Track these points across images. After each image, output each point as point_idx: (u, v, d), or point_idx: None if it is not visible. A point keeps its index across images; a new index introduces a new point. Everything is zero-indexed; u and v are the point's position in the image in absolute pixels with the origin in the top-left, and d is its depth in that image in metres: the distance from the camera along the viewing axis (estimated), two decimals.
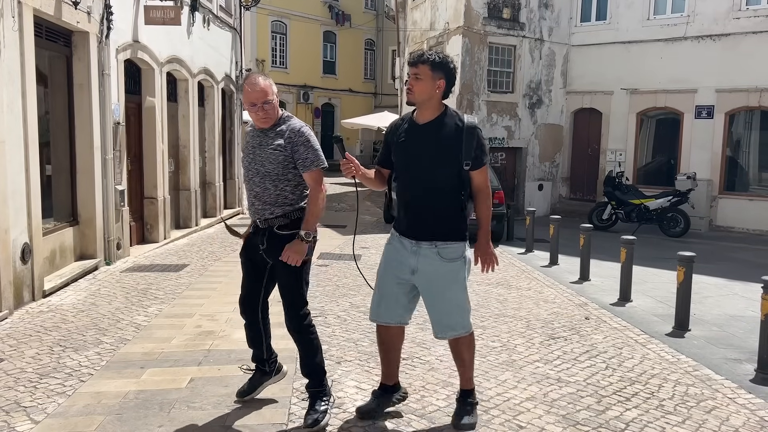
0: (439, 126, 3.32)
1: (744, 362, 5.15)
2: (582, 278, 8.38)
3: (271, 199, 3.52)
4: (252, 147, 3.60)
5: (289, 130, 3.53)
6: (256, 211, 3.59)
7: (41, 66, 7.03)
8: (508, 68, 15.83)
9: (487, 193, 3.42)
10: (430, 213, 3.35)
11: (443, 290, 3.39)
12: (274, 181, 3.51)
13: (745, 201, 14.14)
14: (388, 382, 3.74)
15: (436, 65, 3.25)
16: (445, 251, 3.35)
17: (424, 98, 3.30)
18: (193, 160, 11.79)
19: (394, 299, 3.52)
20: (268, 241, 3.55)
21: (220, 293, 6.84)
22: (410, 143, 3.37)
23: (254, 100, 3.46)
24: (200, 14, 11.90)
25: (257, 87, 3.45)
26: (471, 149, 3.27)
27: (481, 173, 3.36)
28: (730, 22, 14.01)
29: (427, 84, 3.26)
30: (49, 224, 7.16)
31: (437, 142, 3.30)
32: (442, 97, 3.34)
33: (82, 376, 4.32)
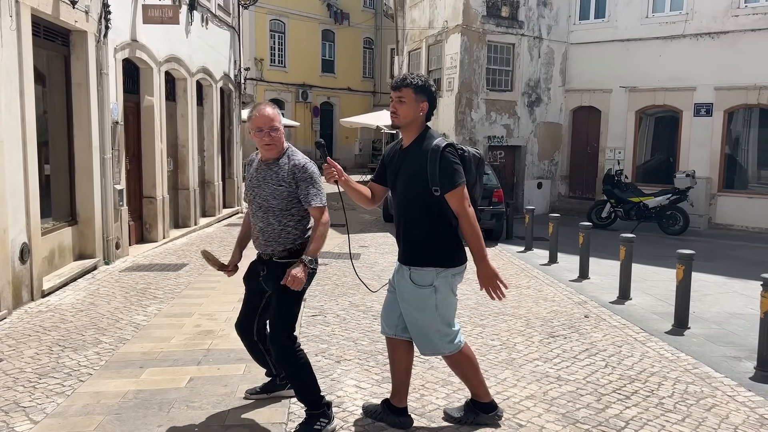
0: (415, 150, 3.33)
1: (743, 360, 5.15)
2: (581, 276, 8.38)
3: (275, 234, 3.52)
4: (256, 181, 3.58)
5: (293, 166, 3.51)
6: (259, 245, 3.61)
7: (39, 65, 7.01)
8: (507, 66, 15.82)
9: (465, 216, 3.24)
10: (406, 237, 3.38)
11: (413, 313, 3.38)
12: (278, 216, 3.51)
13: (744, 199, 14.14)
14: (395, 402, 3.59)
15: (419, 89, 3.31)
16: (416, 276, 3.33)
17: (408, 120, 3.33)
18: (192, 160, 11.78)
19: (390, 307, 3.55)
20: (268, 268, 3.58)
21: (219, 292, 6.83)
22: (394, 167, 3.44)
23: (261, 125, 3.45)
24: (198, 13, 11.88)
25: (265, 113, 3.47)
26: (435, 173, 3.22)
27: (452, 196, 3.23)
28: (729, 20, 14.00)
29: (411, 107, 3.31)
30: (47, 224, 7.15)
31: (411, 166, 3.32)
32: (423, 120, 3.37)
33: (81, 375, 4.31)
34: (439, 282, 3.31)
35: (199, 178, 12.45)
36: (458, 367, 3.55)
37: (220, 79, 13.68)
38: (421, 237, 3.32)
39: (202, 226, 12.05)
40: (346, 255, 9.39)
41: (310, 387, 3.49)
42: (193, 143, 11.84)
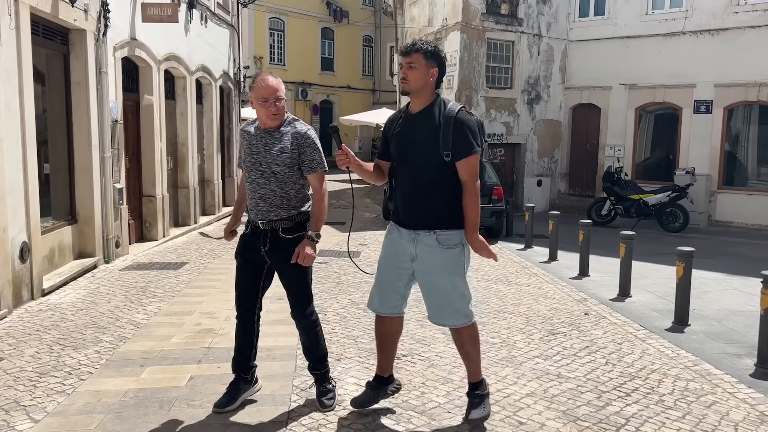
0: (428, 115, 3.33)
1: (744, 357, 5.15)
2: (581, 274, 8.38)
3: (277, 201, 3.53)
4: (256, 148, 3.57)
5: (296, 132, 3.55)
6: (259, 212, 3.57)
7: (38, 64, 7.01)
8: (507, 64, 15.81)
9: (474, 186, 3.29)
10: (426, 203, 3.34)
11: (441, 277, 3.37)
12: (280, 183, 3.52)
13: (744, 195, 14.14)
14: (383, 373, 3.76)
15: (429, 54, 3.31)
16: (443, 238, 3.33)
17: (419, 86, 3.32)
18: (192, 158, 11.77)
19: (393, 289, 3.54)
20: (271, 243, 3.56)
21: (219, 291, 6.82)
22: (403, 133, 3.41)
23: (267, 96, 3.46)
24: (198, 11, 11.86)
25: (269, 83, 3.49)
26: (449, 138, 3.23)
27: (463, 164, 3.27)
28: (728, 17, 13.99)
29: (422, 72, 3.30)
30: (47, 223, 7.15)
31: (425, 131, 3.31)
32: (435, 86, 3.37)
33: (81, 374, 4.31)
34: (465, 241, 3.39)
35: (198, 176, 12.45)
36: (470, 341, 3.53)
37: (219, 77, 13.68)
38: (446, 199, 3.31)
39: (202, 225, 12.05)
40: (347, 253, 9.40)
41: (325, 354, 3.81)
42: (193, 142, 11.83)
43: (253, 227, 3.64)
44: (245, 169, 3.65)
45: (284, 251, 3.53)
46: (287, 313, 3.81)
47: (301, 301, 3.65)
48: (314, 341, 3.75)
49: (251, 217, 3.65)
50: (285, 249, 3.53)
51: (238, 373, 3.81)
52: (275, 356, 4.65)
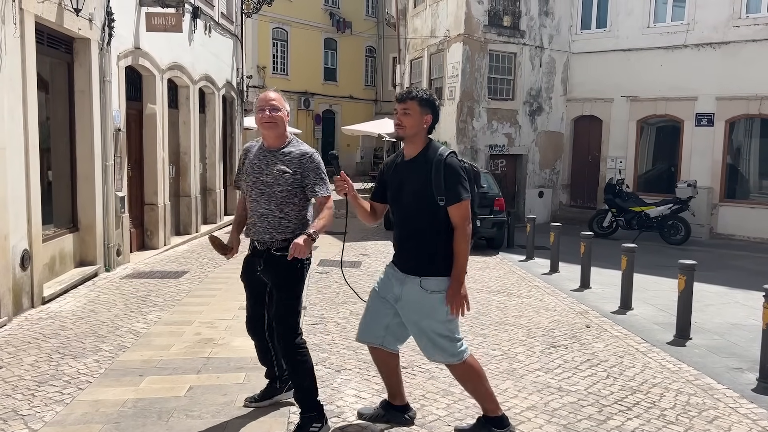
0: (420, 161, 3.36)
1: (746, 371, 5.13)
2: (583, 286, 8.36)
3: (275, 221, 3.52)
4: (257, 166, 3.57)
5: (299, 154, 3.54)
6: (257, 232, 3.56)
7: (42, 72, 7.03)
8: (509, 75, 15.85)
9: (463, 232, 3.29)
10: (414, 249, 3.38)
11: (423, 321, 3.36)
12: (280, 204, 3.51)
13: (746, 209, 14.12)
14: (392, 401, 3.72)
15: (424, 102, 3.36)
16: (427, 283, 3.32)
17: (413, 132, 3.37)
18: (194, 167, 11.79)
19: (377, 319, 3.53)
20: (265, 261, 3.57)
21: (219, 300, 6.81)
22: (397, 178, 3.46)
23: (262, 105, 3.52)
24: (201, 21, 11.92)
25: (267, 94, 3.57)
26: (441, 183, 3.26)
27: (456, 209, 3.28)
28: (730, 30, 14.03)
29: (416, 119, 3.34)
30: (49, 230, 7.15)
31: (416, 177, 3.34)
32: (428, 132, 3.42)
33: (80, 383, 4.29)
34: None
35: (200, 185, 12.46)
36: (467, 380, 3.50)
37: (222, 86, 13.72)
38: (431, 247, 3.32)
39: (204, 233, 12.04)
40: (347, 263, 9.40)
41: (310, 388, 3.54)
42: (195, 150, 11.86)
43: (252, 247, 3.67)
44: (245, 188, 3.65)
45: (275, 268, 3.51)
46: None
47: (283, 326, 3.49)
48: (298, 373, 3.51)
49: (250, 236, 3.65)
50: (277, 266, 3.50)
51: (269, 382, 3.94)
52: None
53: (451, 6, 15.44)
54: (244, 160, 3.69)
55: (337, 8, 30.13)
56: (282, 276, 3.51)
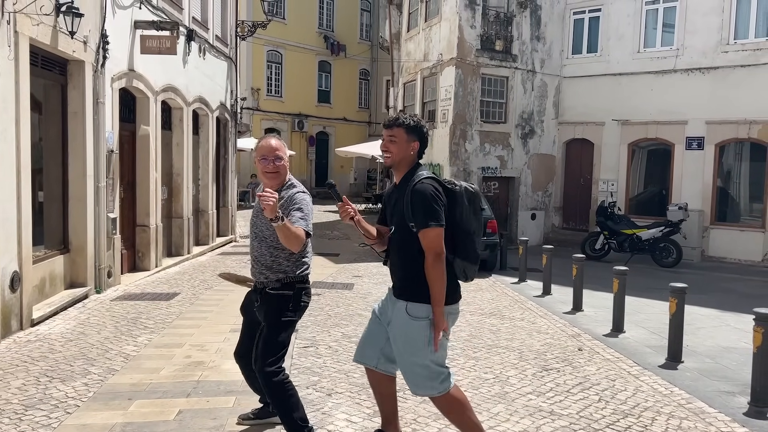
0: (402, 187, 3.35)
1: (737, 395, 5.12)
2: (575, 308, 8.36)
3: (267, 263, 3.58)
4: (255, 211, 3.69)
5: (287, 198, 3.55)
6: (254, 273, 3.69)
7: (36, 94, 7.06)
8: (501, 99, 16.00)
9: (431, 259, 3.17)
10: (401, 273, 3.36)
11: (406, 348, 3.30)
12: (270, 247, 3.56)
13: (737, 231, 14.21)
14: (385, 428, 3.64)
15: (411, 129, 3.34)
16: (413, 308, 3.26)
17: (399, 159, 3.36)
18: (187, 188, 11.78)
19: (372, 340, 3.53)
20: (261, 298, 3.63)
21: (210, 323, 6.77)
22: (387, 204, 3.52)
23: (266, 154, 3.54)
24: (196, 44, 12.00)
25: (270, 143, 3.59)
26: (409, 210, 3.24)
27: (424, 236, 3.19)
28: (718, 56, 14.24)
29: (402, 146, 3.34)
30: (39, 252, 7.11)
31: (400, 203, 3.34)
32: (415, 158, 3.40)
33: (68, 407, 4.25)
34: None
35: (193, 206, 12.44)
36: (451, 412, 3.39)
37: (216, 108, 13.77)
38: (415, 272, 3.25)
39: (196, 255, 12.00)
40: (340, 285, 9.38)
41: (294, 418, 3.50)
42: (188, 172, 11.86)
43: (255, 285, 3.74)
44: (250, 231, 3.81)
45: (268, 305, 3.58)
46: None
47: (264, 353, 3.48)
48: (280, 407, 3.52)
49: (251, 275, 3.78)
50: (269, 304, 3.58)
51: (263, 405, 3.96)
52: None
53: (444, 30, 15.63)
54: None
55: (331, 31, 30.42)
56: (273, 315, 3.56)
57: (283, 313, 3.55)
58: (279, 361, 3.52)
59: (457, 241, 3.29)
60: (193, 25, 11.89)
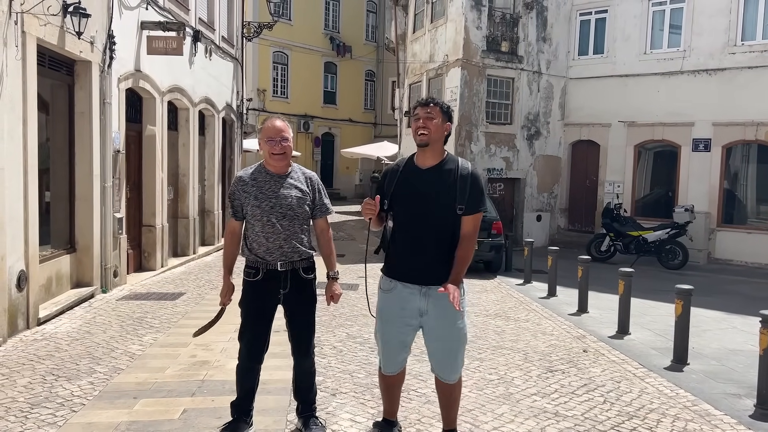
0: (443, 171, 3.36)
1: (743, 397, 5.10)
2: (580, 310, 8.34)
3: (299, 241, 3.60)
4: (270, 191, 3.59)
5: (307, 177, 3.69)
6: (283, 255, 3.56)
7: (43, 94, 7.09)
8: (507, 100, 15.98)
9: (471, 240, 3.34)
10: (439, 256, 3.32)
11: (452, 325, 3.37)
12: (301, 224, 3.62)
13: (744, 234, 14.14)
14: (391, 417, 3.76)
15: (445, 111, 3.39)
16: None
17: (437, 137, 3.35)
18: (193, 189, 11.82)
19: (401, 348, 3.52)
20: (292, 284, 3.62)
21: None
22: (415, 187, 3.36)
23: (273, 135, 3.56)
24: (202, 45, 12.05)
25: (275, 124, 3.62)
26: (465, 194, 3.29)
27: (470, 220, 3.33)
28: (726, 57, 14.19)
29: (440, 127, 3.35)
30: (46, 251, 7.14)
31: (442, 187, 3.32)
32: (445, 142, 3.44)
33: (74, 406, 4.27)
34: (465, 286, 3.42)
35: (199, 206, 12.48)
36: (458, 390, 3.57)
37: (222, 109, 13.81)
38: (450, 254, 3.32)
39: (201, 255, 12.04)
40: (345, 285, 9.37)
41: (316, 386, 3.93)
42: (194, 172, 11.90)
43: (267, 271, 3.59)
44: (256, 215, 3.57)
45: (306, 291, 3.67)
46: (283, 347, 3.79)
47: (309, 343, 3.77)
48: (312, 380, 3.86)
49: (267, 261, 3.58)
50: (306, 289, 3.67)
51: (239, 415, 3.74)
52: (270, 390, 4.60)
53: (450, 32, 15.63)
54: (241, 189, 3.62)
55: (337, 33, 30.45)
56: (309, 295, 3.69)
57: (315, 296, 3.75)
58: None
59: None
60: (200, 26, 11.94)
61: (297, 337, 3.73)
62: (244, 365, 3.72)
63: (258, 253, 3.59)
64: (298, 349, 3.74)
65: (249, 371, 3.74)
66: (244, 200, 3.61)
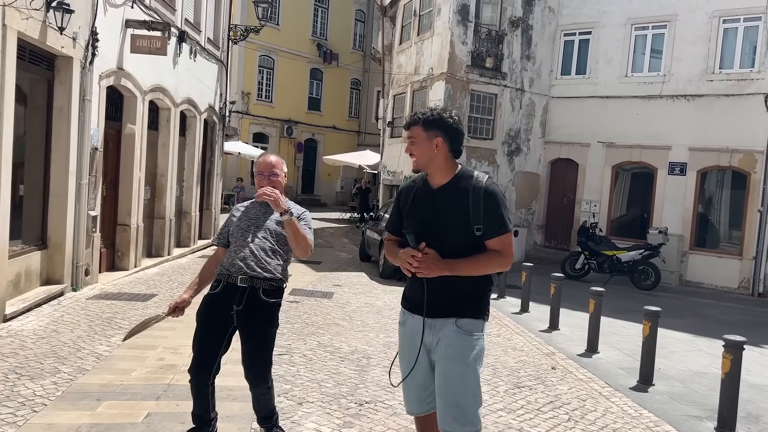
0: (453, 190, 2.90)
1: (704, 419, 5.18)
2: (551, 327, 8.41)
3: (267, 258, 3.53)
4: (255, 215, 3.67)
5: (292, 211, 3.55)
6: (247, 266, 3.48)
7: (22, 87, 7.01)
8: (489, 115, 16.13)
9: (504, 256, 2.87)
10: (449, 287, 2.86)
11: (459, 368, 2.85)
12: (277, 240, 3.59)
13: (715, 257, 14.39)
14: None
15: (428, 123, 2.91)
16: (464, 323, 2.86)
17: (425, 161, 2.93)
18: (170, 189, 11.74)
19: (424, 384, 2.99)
20: (247, 302, 3.48)
21: (186, 326, 6.65)
22: (423, 209, 2.96)
23: (262, 170, 3.62)
24: (187, 45, 12.00)
25: (268, 159, 3.68)
26: (479, 214, 2.84)
27: (496, 243, 2.86)
28: (703, 84, 14.48)
29: (423, 146, 2.91)
30: (16, 246, 7.05)
31: (450, 208, 2.88)
32: (451, 156, 2.95)
33: (35, 405, 4.21)
34: (485, 332, 2.94)
35: (176, 207, 12.39)
36: None
37: (204, 110, 13.75)
38: (467, 286, 2.87)
39: (176, 257, 11.94)
40: (319, 293, 9.37)
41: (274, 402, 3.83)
42: (173, 173, 11.82)
43: (226, 285, 3.52)
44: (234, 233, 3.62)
45: (259, 312, 3.50)
46: None
47: (261, 370, 3.58)
48: (269, 406, 3.75)
49: (228, 273, 3.52)
50: (260, 311, 3.51)
51: (199, 424, 3.63)
52: (236, 396, 4.59)
53: (436, 45, 15.75)
54: (233, 216, 3.74)
55: (325, 40, 30.53)
56: (265, 318, 3.55)
57: (275, 322, 3.61)
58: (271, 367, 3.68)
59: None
60: (186, 26, 11.90)
61: (247, 361, 3.56)
62: (191, 377, 3.55)
63: (224, 265, 3.57)
64: (249, 373, 3.57)
65: (197, 384, 3.54)
66: (230, 225, 3.71)
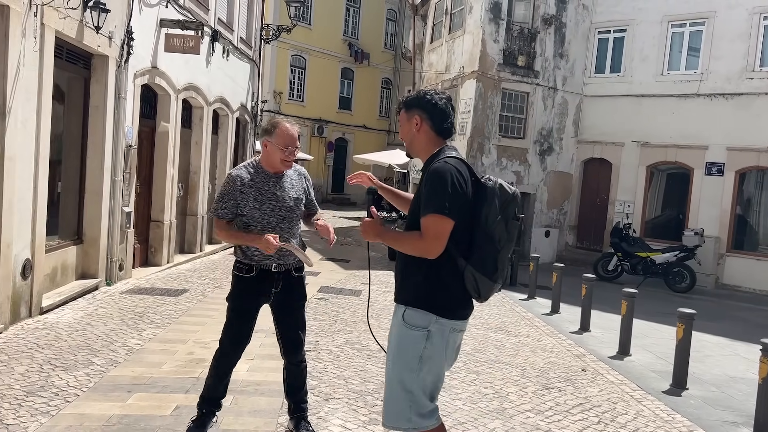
0: (425, 172, 2.79)
1: (741, 426, 5.05)
2: (582, 329, 8.29)
3: (293, 238, 3.64)
4: (270, 193, 3.55)
5: (297, 174, 3.70)
6: (281, 257, 3.54)
7: (59, 86, 7.17)
8: (521, 114, 15.97)
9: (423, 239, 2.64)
10: (405, 273, 2.81)
11: (396, 361, 2.76)
12: (297, 224, 3.68)
13: (753, 260, 14.01)
14: None
15: (408, 104, 2.89)
16: (410, 315, 2.73)
17: (408, 142, 2.92)
18: (203, 187, 11.89)
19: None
20: (284, 283, 3.63)
21: (215, 321, 6.79)
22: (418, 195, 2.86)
23: (289, 143, 3.55)
24: (220, 45, 12.14)
25: (293, 132, 3.58)
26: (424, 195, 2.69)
27: (423, 222, 2.64)
28: (743, 82, 14.11)
29: (404, 127, 2.92)
30: (53, 241, 7.21)
31: (420, 191, 2.77)
32: (434, 135, 2.85)
33: (68, 396, 4.29)
34: (434, 329, 2.69)
35: (208, 205, 12.54)
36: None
37: (236, 109, 13.90)
38: (418, 273, 2.71)
39: (208, 253, 12.09)
40: (348, 291, 9.39)
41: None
42: (205, 171, 11.97)
43: (261, 271, 3.57)
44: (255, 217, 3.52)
45: (296, 290, 3.70)
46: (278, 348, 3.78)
47: (301, 341, 3.76)
48: (303, 379, 3.85)
49: (261, 261, 3.54)
50: (295, 286, 3.69)
51: (209, 408, 3.73)
52: (263, 392, 4.62)
53: (467, 43, 15.66)
54: (239, 191, 3.52)
55: (356, 39, 30.60)
56: (299, 293, 3.73)
57: (306, 295, 3.79)
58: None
59: (475, 246, 2.68)
60: (219, 26, 12.04)
61: (289, 336, 3.71)
62: (225, 352, 3.65)
63: (254, 257, 3.55)
64: (292, 346, 3.73)
65: (226, 366, 3.69)
66: (241, 201, 3.52)
